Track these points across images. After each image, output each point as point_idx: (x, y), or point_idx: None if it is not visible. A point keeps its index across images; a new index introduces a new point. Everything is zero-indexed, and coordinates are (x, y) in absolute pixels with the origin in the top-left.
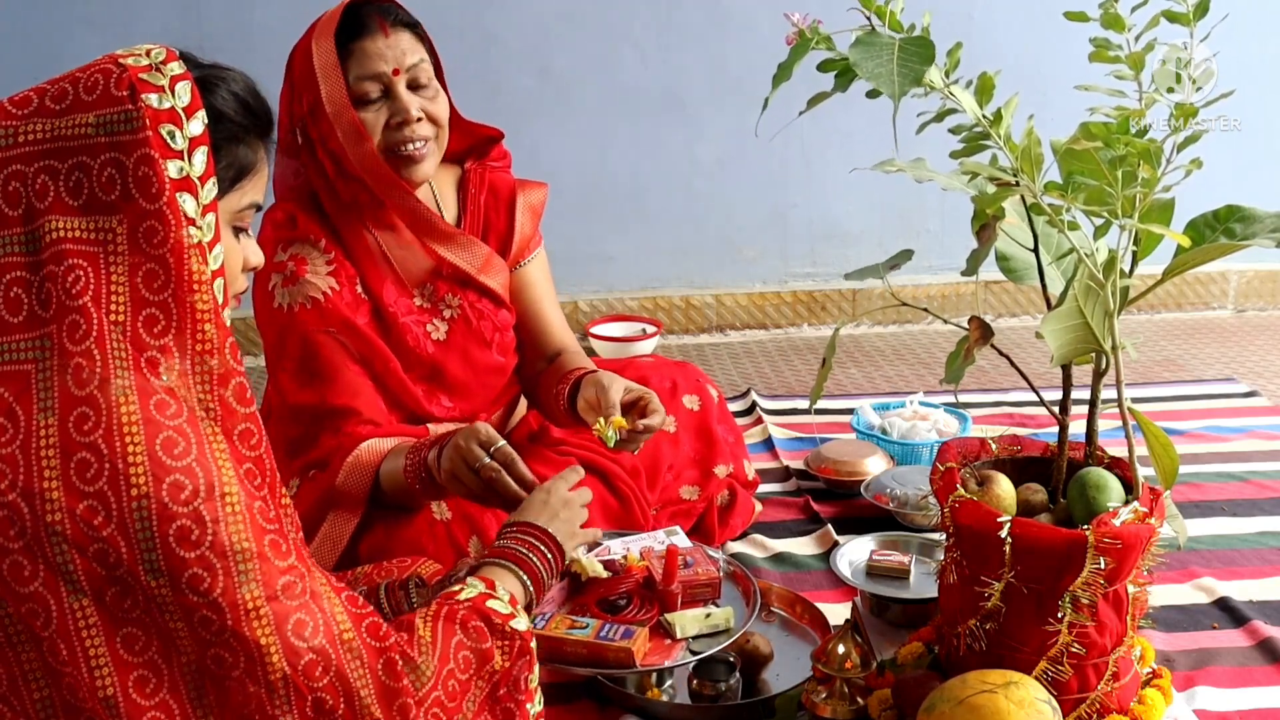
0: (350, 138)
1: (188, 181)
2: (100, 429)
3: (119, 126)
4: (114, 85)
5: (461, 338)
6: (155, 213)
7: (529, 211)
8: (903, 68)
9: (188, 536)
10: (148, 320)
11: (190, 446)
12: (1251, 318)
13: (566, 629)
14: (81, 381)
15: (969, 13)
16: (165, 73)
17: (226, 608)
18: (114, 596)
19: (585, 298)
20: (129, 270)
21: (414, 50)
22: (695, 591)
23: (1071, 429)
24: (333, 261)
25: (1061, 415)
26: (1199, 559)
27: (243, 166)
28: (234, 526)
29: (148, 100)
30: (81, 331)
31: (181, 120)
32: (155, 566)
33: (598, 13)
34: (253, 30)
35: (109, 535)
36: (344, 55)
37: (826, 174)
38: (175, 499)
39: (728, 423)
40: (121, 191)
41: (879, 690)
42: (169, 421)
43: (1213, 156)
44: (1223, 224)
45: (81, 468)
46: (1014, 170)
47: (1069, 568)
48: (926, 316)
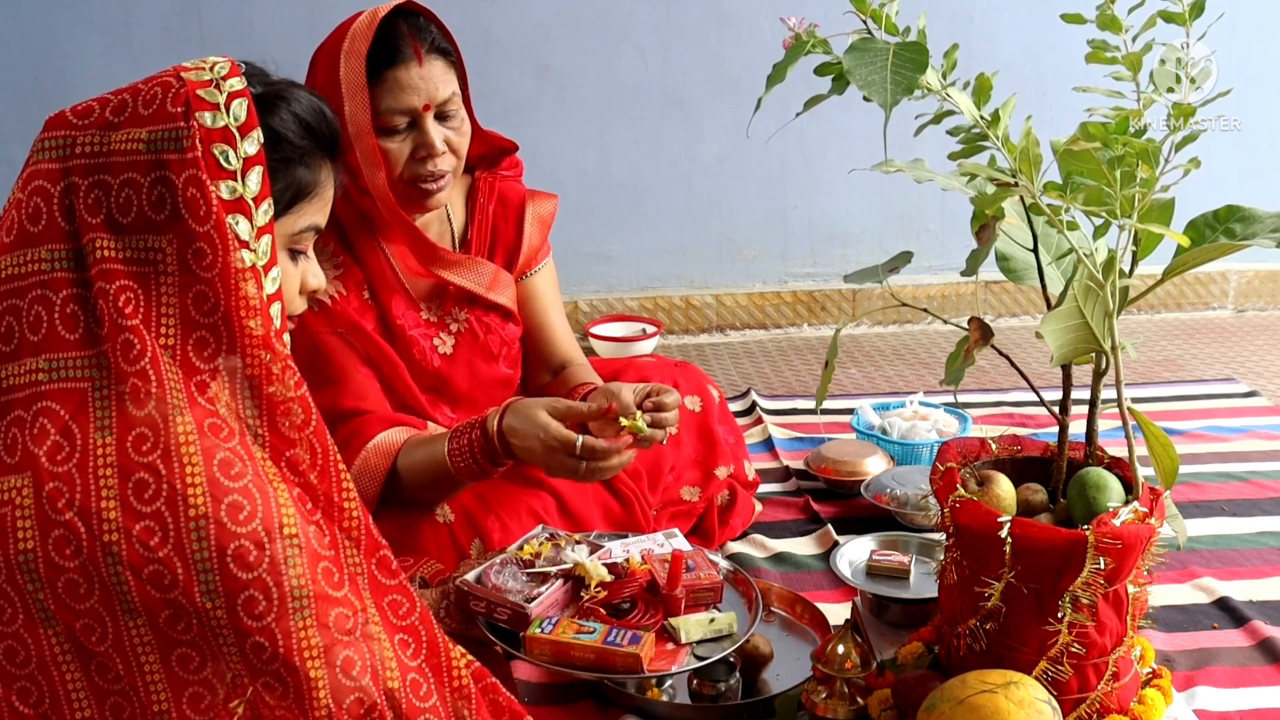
0: (367, 162)
1: (241, 203)
2: (159, 450)
3: (168, 145)
4: (171, 101)
5: (468, 352)
6: (204, 235)
7: (538, 222)
8: (896, 75)
9: (245, 558)
10: (198, 343)
11: (246, 468)
12: (1251, 318)
13: (573, 634)
14: (139, 402)
15: (968, 13)
16: (224, 89)
17: (280, 635)
18: (167, 619)
19: (585, 298)
20: (179, 291)
21: (446, 83)
22: (698, 595)
23: (1071, 429)
24: (340, 266)
25: (1061, 415)
26: (1199, 559)
27: (301, 188)
28: (289, 551)
29: (201, 119)
30: (136, 352)
31: (235, 140)
32: (212, 588)
33: (598, 13)
34: (253, 30)
35: (165, 556)
36: (373, 79)
37: (826, 174)
38: (234, 519)
39: (728, 423)
40: (170, 211)
41: (879, 690)
42: (224, 444)
43: (1213, 156)
44: (1223, 224)
45: (140, 488)
46: (1013, 171)
47: (1069, 568)
48: (926, 316)
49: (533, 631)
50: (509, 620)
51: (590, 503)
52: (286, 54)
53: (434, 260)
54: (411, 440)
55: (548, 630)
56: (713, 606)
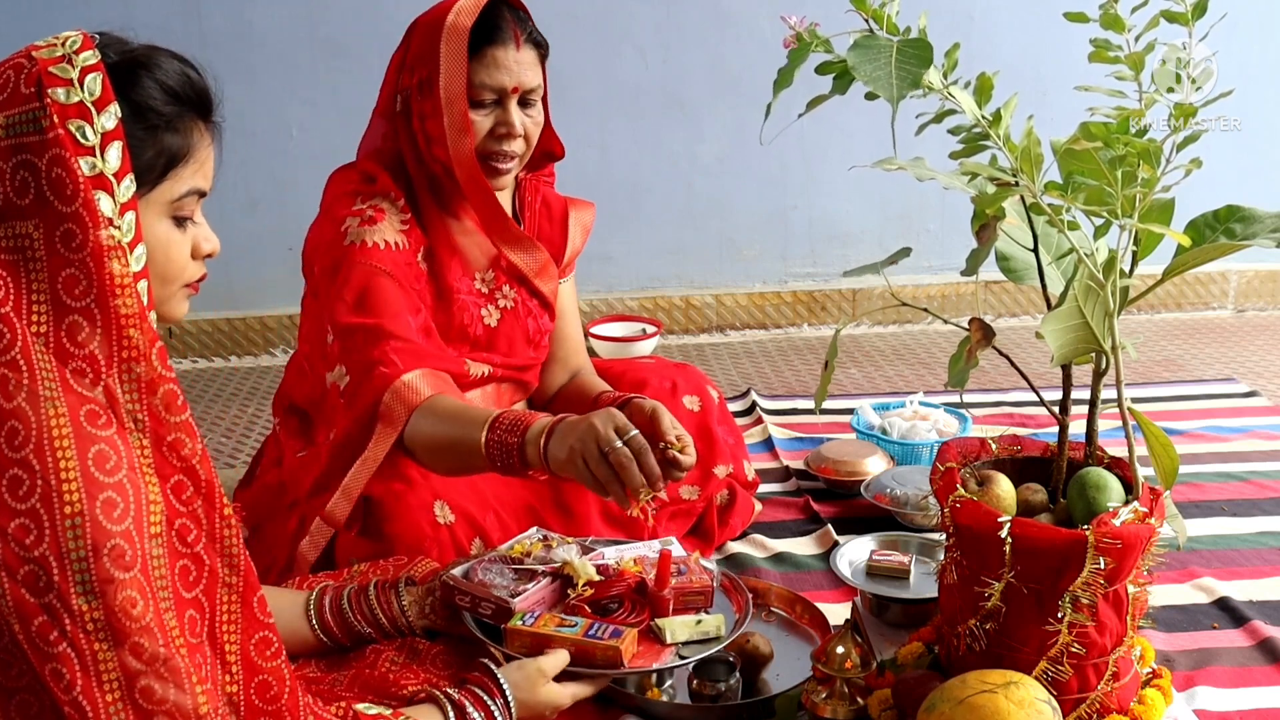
0: (455, 129)
1: (102, 179)
2: (30, 444)
3: (27, 127)
4: (23, 82)
5: (509, 328)
6: (72, 215)
7: (580, 228)
8: (900, 71)
9: (122, 557)
10: (71, 328)
11: (121, 462)
12: (1251, 318)
13: (555, 627)
14: (9, 394)
15: (969, 13)
16: (77, 64)
17: (159, 632)
18: (41, 626)
19: (585, 298)
20: (49, 276)
21: (535, 73)
22: (688, 598)
23: (1071, 429)
24: (406, 223)
25: (1061, 415)
26: (1199, 559)
27: (174, 155)
28: (156, 550)
29: (55, 95)
30: (5, 342)
31: (91, 115)
32: (89, 588)
33: (598, 13)
34: (253, 30)
35: (40, 555)
36: (472, 53)
37: (826, 174)
38: (109, 516)
39: (728, 423)
40: (36, 195)
41: (879, 690)
42: (100, 433)
43: (1213, 156)
44: (1223, 224)
45: (14, 484)
46: (1014, 170)
47: (1069, 568)
48: (926, 316)
49: (514, 624)
50: (493, 615)
51: (588, 499)
52: (287, 54)
53: (501, 232)
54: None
55: (529, 623)
56: (702, 610)
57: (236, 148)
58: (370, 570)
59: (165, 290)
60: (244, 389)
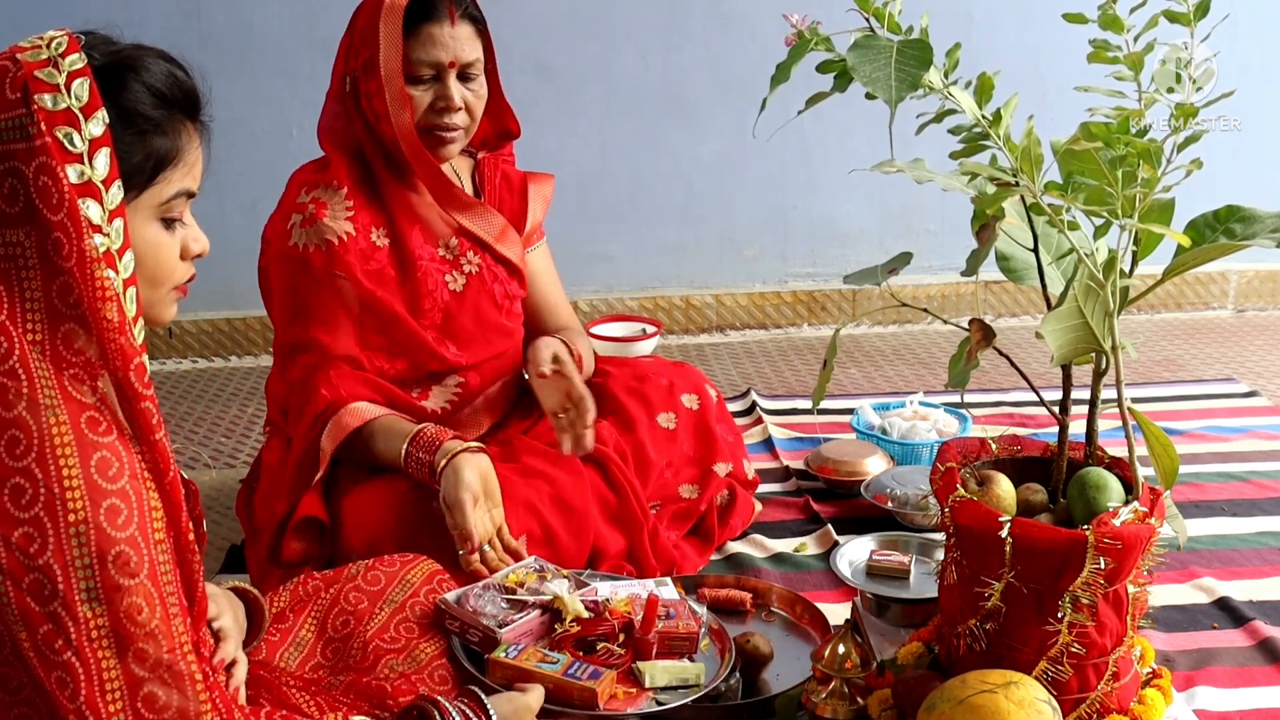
0: (395, 105)
1: (90, 186)
2: (33, 453)
3: (13, 134)
4: (8, 87)
5: (475, 294)
6: (59, 224)
7: (540, 199)
8: (900, 72)
9: (127, 564)
10: (67, 335)
11: (123, 468)
12: (1251, 318)
13: (536, 662)
14: (8, 403)
15: (969, 13)
16: (63, 68)
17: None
18: (46, 634)
19: (585, 298)
20: (43, 284)
21: (472, 47)
22: (672, 643)
23: (1071, 429)
24: (352, 208)
25: (1061, 415)
26: (1199, 559)
27: (162, 157)
28: (162, 557)
29: (41, 102)
30: (3, 350)
31: (79, 121)
32: (94, 595)
33: (598, 13)
34: (253, 30)
35: (44, 563)
36: (408, 31)
37: (826, 174)
38: (113, 524)
39: (726, 422)
40: (25, 204)
41: (879, 690)
42: (102, 440)
43: (1213, 156)
44: (1223, 224)
45: (16, 493)
46: (1014, 170)
47: (1069, 568)
48: (926, 316)
49: (496, 655)
50: (479, 643)
51: (586, 493)
52: (287, 54)
53: (450, 200)
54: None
55: (512, 655)
56: (686, 656)
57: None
58: (373, 565)
59: (155, 293)
60: (244, 389)
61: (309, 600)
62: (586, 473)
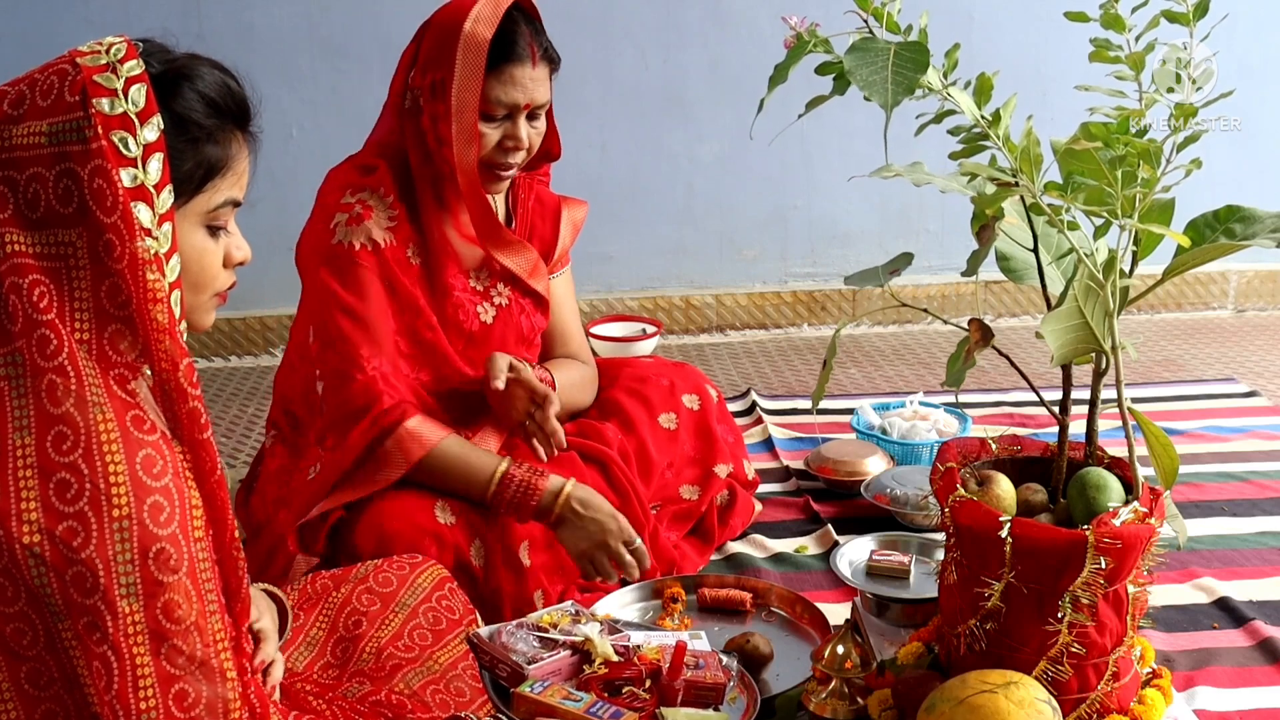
0: (462, 139)
1: (142, 190)
2: (80, 449)
3: (71, 136)
4: (68, 90)
5: (503, 326)
6: (112, 226)
7: (571, 226)
8: (897, 75)
9: (168, 561)
10: (114, 335)
11: (167, 466)
12: (1251, 318)
13: (560, 699)
14: (57, 399)
15: (969, 12)
16: (121, 74)
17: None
18: (85, 627)
19: (585, 298)
20: (92, 284)
21: (546, 89)
22: (699, 693)
23: (1071, 429)
24: (395, 220)
25: (1061, 415)
26: (1199, 559)
27: (212, 166)
28: (202, 555)
29: (99, 106)
30: (53, 347)
31: (135, 126)
32: (133, 590)
33: (598, 13)
34: (253, 30)
35: (87, 557)
36: (489, 66)
37: (826, 174)
38: (156, 521)
39: (727, 422)
40: (79, 204)
41: (879, 690)
42: (147, 437)
43: (1213, 156)
44: (1223, 224)
45: (62, 488)
46: (1013, 170)
47: (1069, 568)
48: (926, 316)
49: (522, 689)
50: (507, 678)
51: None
52: (286, 54)
53: (494, 237)
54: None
55: (537, 691)
56: (712, 707)
57: None
58: (380, 566)
59: (197, 299)
60: (244, 389)
61: (318, 599)
62: (588, 474)
